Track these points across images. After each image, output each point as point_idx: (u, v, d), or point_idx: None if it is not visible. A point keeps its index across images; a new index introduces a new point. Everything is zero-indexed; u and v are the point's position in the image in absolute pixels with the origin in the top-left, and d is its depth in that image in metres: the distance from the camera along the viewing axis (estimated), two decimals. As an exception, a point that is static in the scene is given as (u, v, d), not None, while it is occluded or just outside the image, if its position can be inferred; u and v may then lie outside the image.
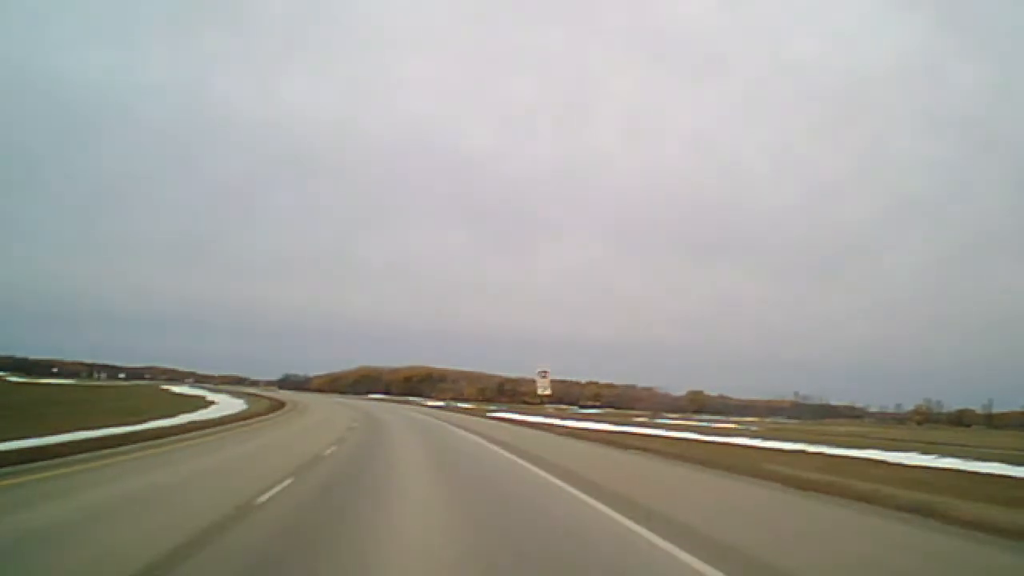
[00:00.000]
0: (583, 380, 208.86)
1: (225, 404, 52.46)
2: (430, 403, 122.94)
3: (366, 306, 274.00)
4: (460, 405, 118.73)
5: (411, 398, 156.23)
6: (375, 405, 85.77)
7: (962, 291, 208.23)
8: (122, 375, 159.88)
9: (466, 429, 37.58)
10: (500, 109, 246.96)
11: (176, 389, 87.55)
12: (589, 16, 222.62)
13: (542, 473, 16.73)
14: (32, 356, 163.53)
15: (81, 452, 15.90)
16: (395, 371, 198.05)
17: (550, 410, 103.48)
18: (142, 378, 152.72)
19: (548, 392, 72.81)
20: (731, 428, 64.96)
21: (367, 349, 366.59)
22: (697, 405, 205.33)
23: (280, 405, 55.81)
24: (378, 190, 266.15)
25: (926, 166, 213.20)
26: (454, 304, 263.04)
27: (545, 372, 73.58)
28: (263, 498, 10.50)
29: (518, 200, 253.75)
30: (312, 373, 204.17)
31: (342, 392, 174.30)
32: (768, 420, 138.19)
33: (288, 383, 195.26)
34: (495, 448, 25.33)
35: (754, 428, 69.27)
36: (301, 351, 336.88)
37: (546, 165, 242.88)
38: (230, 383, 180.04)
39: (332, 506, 10.43)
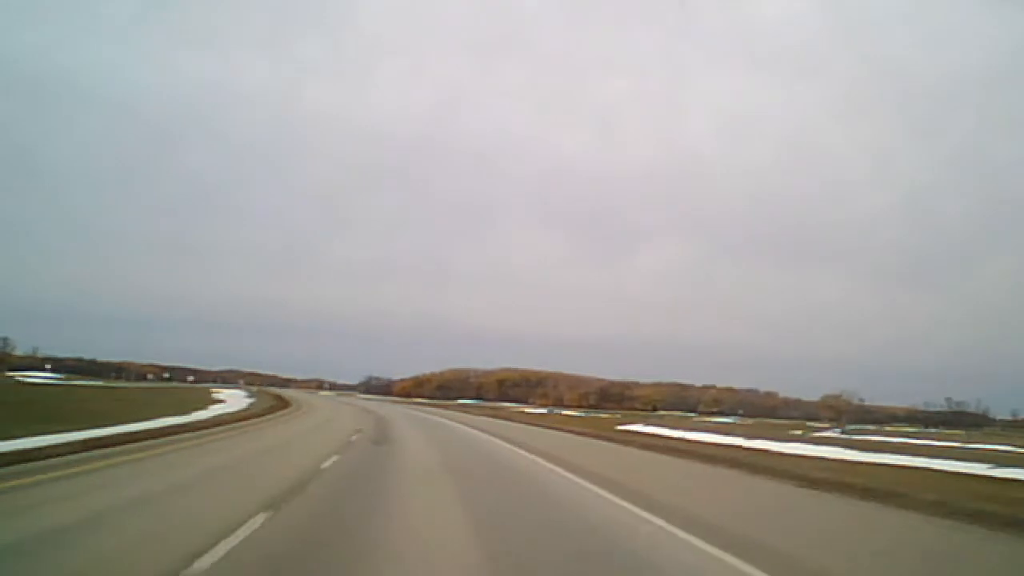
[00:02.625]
0: (698, 384, 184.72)
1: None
2: (529, 409, 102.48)
3: (455, 310, 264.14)
4: (565, 412, 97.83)
5: (504, 404, 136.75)
6: (448, 429, 65.67)
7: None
8: (191, 378, 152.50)
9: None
10: (592, 112, 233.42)
11: (219, 393, 71.75)
12: (683, 17, 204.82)
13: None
14: (116, 359, 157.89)
15: None
16: (487, 374, 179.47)
17: (673, 419, 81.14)
18: (214, 381, 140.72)
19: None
20: (993, 451, 40.12)
21: (455, 352, 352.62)
22: (836, 412, 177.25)
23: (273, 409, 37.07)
24: (469, 194, 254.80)
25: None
26: (546, 306, 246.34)
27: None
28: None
29: (610, 203, 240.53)
30: (396, 376, 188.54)
31: (429, 397, 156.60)
32: (947, 433, 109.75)
33: (370, 387, 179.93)
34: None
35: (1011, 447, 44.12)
36: (385, 354, 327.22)
37: (638, 168, 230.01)
38: (310, 387, 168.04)
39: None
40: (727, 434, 43.30)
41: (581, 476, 14.67)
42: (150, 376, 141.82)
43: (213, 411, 36.93)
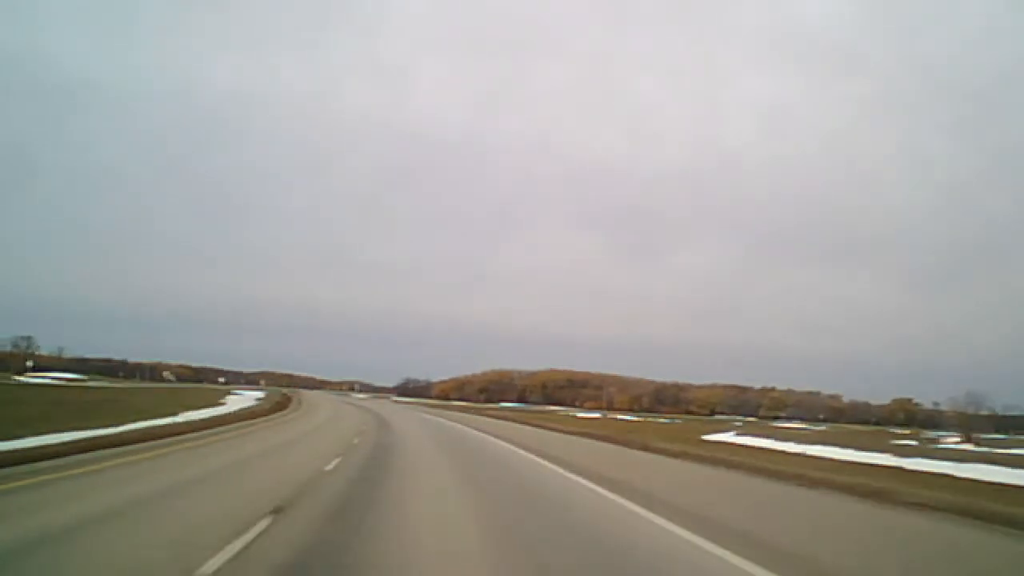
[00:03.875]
0: (756, 386, 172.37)
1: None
2: (580, 413, 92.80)
3: (496, 312, 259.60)
4: (620, 417, 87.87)
5: (549, 407, 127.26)
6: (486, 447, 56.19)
7: None
8: (222, 379, 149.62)
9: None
10: (630, 111, 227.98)
11: (227, 396, 64.22)
12: (719, 16, 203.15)
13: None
14: (148, 360, 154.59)
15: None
16: (531, 375, 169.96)
17: (756, 426, 70.78)
18: (257, 383, 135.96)
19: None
20: None
21: (497, 354, 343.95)
22: (907, 416, 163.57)
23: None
24: (508, 195, 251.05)
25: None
26: (588, 308, 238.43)
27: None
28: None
29: (652, 203, 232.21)
30: (435, 378, 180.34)
31: (469, 400, 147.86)
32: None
33: (407, 389, 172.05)
34: None
35: None
36: (423, 356, 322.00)
37: (680, 167, 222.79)
38: (341, 389, 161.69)
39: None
40: (835, 445, 33.45)
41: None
42: (169, 376, 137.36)
43: (204, 414, 28.98)
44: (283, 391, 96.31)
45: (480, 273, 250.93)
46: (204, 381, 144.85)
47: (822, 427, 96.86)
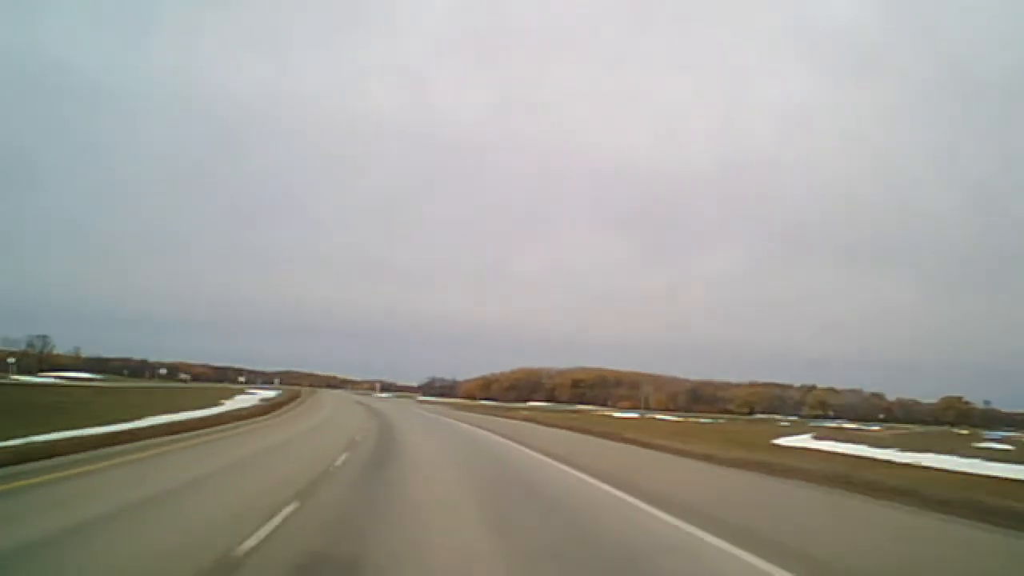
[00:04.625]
0: (795, 384, 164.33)
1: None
2: (615, 413, 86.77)
3: (523, 310, 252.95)
4: (659, 417, 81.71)
5: (581, 406, 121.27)
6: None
7: None
8: (241, 378, 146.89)
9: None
10: (653, 111, 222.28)
11: (228, 397, 59.24)
12: (742, 16, 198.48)
13: None
14: (169, 359, 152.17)
15: None
16: (560, 374, 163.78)
17: (827, 429, 64.48)
18: (267, 382, 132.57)
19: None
20: None
21: (524, 353, 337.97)
22: (957, 415, 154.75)
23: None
24: (532, 194, 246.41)
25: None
26: (615, 307, 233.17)
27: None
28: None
29: (673, 203, 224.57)
30: (461, 377, 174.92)
31: (496, 399, 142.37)
32: None
33: (433, 388, 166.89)
34: None
35: None
36: (449, 355, 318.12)
37: (700, 167, 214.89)
38: (362, 388, 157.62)
39: None
40: (928, 451, 27.41)
41: None
42: (184, 376, 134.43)
43: (182, 416, 23.91)
44: (293, 390, 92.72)
45: (506, 272, 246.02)
46: (225, 381, 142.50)
47: (876, 427, 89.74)
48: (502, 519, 9.30)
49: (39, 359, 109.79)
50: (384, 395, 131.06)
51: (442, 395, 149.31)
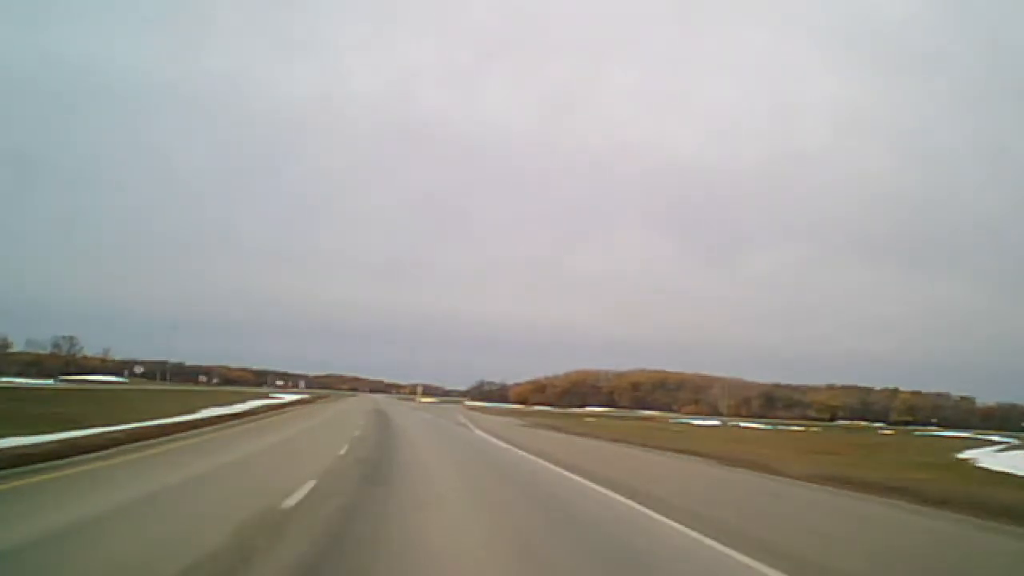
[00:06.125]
0: (877, 387, 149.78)
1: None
2: (695, 422, 75.53)
3: (575, 312, 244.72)
4: (744, 425, 70.27)
5: (643, 412, 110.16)
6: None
7: None
8: (279, 382, 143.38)
9: None
10: (702, 112, 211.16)
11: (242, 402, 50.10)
12: (792, 15, 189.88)
13: None
14: (206, 363, 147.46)
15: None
16: (619, 376, 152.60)
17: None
18: (320, 386, 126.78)
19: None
20: None
21: (576, 355, 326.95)
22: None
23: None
24: (583, 194, 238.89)
25: None
26: (667, 308, 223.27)
27: None
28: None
29: (723, 204, 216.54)
30: (511, 381, 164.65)
31: (550, 404, 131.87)
32: None
33: (481, 392, 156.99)
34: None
35: None
36: (499, 358, 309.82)
37: (751, 168, 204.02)
38: (404, 392, 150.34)
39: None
40: None
41: None
42: (203, 379, 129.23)
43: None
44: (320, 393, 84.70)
45: (557, 273, 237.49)
46: (264, 384, 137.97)
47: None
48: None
49: (65, 361, 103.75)
50: (429, 400, 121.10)
51: (491, 400, 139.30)
